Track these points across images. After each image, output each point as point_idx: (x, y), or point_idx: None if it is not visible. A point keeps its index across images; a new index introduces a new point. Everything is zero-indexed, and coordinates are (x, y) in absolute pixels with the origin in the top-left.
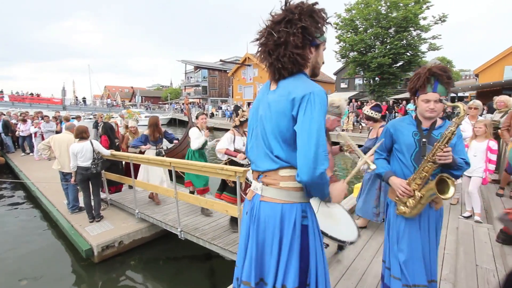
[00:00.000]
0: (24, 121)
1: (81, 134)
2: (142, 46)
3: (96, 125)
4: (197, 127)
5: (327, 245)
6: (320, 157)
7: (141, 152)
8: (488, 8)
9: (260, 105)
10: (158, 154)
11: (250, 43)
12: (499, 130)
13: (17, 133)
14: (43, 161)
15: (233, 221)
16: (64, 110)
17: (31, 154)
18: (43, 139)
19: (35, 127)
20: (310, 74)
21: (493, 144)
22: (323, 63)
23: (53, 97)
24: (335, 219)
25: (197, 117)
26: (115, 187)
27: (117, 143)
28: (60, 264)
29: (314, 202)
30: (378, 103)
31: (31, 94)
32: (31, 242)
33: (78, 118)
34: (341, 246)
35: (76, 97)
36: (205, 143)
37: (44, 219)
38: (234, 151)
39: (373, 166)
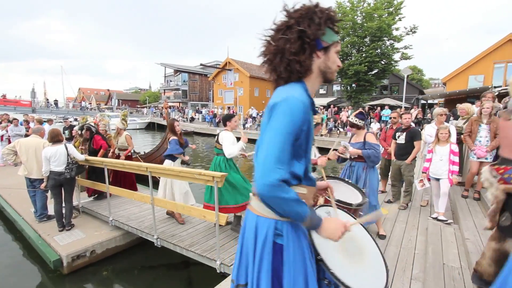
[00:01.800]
0: None
1: (56, 137)
2: (119, 48)
3: (66, 128)
4: (228, 130)
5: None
6: (268, 166)
7: (184, 163)
8: (456, 22)
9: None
10: (183, 162)
11: (257, 57)
12: (462, 136)
13: None
14: (8, 167)
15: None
16: (33, 113)
17: None
18: (9, 143)
19: (1, 130)
20: (322, 80)
21: (455, 147)
22: (338, 66)
23: (21, 99)
24: (352, 253)
25: (228, 120)
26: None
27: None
28: (26, 277)
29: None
30: (362, 111)
31: None
32: None
33: (49, 121)
34: None
35: (47, 99)
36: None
37: (8, 230)
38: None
39: None
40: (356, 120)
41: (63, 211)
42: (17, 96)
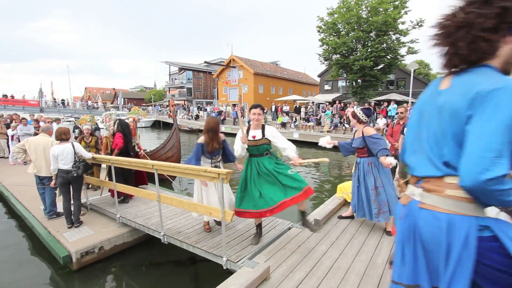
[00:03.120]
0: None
1: (61, 136)
2: (124, 47)
3: (76, 128)
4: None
5: None
6: (487, 161)
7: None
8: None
9: (425, 107)
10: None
11: (430, 27)
12: None
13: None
14: (18, 166)
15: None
16: (41, 113)
17: (6, 156)
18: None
19: (12, 130)
20: (501, 70)
21: None
22: None
23: (29, 99)
24: None
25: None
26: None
27: (134, 143)
28: (36, 273)
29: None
30: (370, 107)
31: (5, 95)
32: (4, 249)
33: (57, 120)
34: None
35: (55, 99)
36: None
37: (19, 226)
38: None
39: None
40: (359, 113)
41: (72, 208)
42: (23, 96)
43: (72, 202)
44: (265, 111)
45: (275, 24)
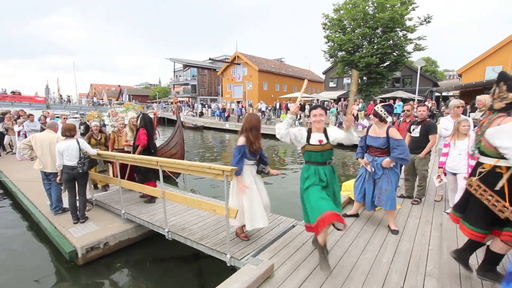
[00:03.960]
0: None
1: (67, 132)
2: (129, 44)
3: (81, 125)
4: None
5: None
6: None
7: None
8: (471, 12)
9: None
10: (259, 172)
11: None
12: None
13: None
14: (25, 161)
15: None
16: (48, 109)
17: (13, 152)
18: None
19: (19, 126)
20: None
21: None
22: None
23: (36, 95)
24: None
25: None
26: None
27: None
28: (43, 267)
29: None
30: (391, 103)
31: (12, 92)
32: (12, 243)
33: (63, 116)
34: None
35: (61, 96)
36: None
37: (26, 221)
38: None
39: None
40: (381, 111)
41: (77, 204)
42: (35, 93)
43: (77, 198)
44: (328, 110)
45: (280, 21)
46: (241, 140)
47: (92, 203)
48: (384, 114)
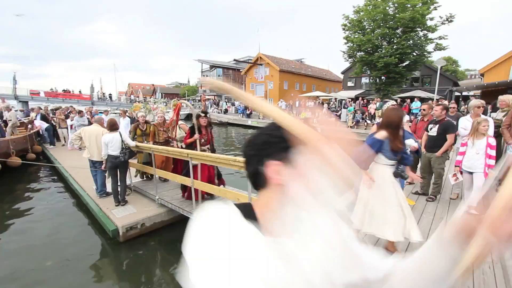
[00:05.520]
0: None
1: (112, 126)
2: (161, 46)
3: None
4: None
5: None
6: None
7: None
8: (494, 9)
9: None
10: (397, 175)
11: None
12: (500, 128)
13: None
14: (75, 151)
15: None
16: (92, 105)
17: (63, 144)
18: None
19: (71, 120)
20: None
21: (492, 141)
22: None
23: (83, 94)
24: None
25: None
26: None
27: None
28: (90, 243)
29: None
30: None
31: (64, 90)
32: (65, 221)
33: (105, 112)
34: None
35: (103, 93)
36: None
37: (76, 203)
38: None
39: None
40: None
41: (119, 189)
42: (79, 90)
43: (119, 183)
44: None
45: (302, 23)
46: (381, 134)
47: (131, 189)
48: None
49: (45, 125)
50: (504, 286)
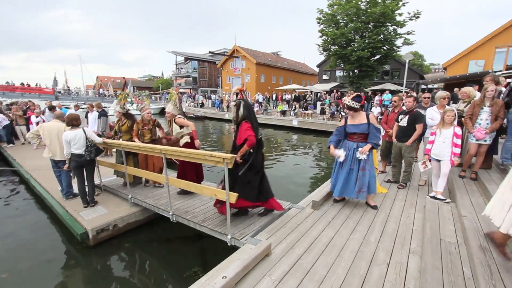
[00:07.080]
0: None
1: (72, 122)
2: (132, 37)
3: (87, 115)
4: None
5: None
6: None
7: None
8: (457, 8)
9: None
10: None
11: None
12: (463, 119)
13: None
14: (40, 150)
15: None
16: (56, 100)
17: (23, 142)
18: None
19: (36, 117)
20: None
21: (458, 130)
22: None
23: (46, 87)
24: None
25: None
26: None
27: None
28: (56, 249)
29: None
30: (359, 93)
31: (22, 84)
32: (26, 226)
33: (76, 107)
34: None
35: (68, 87)
36: None
37: (39, 206)
38: None
39: None
40: (353, 103)
41: (86, 190)
42: (45, 85)
43: (86, 183)
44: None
45: (278, 16)
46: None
47: (100, 188)
48: (356, 104)
49: (5, 121)
50: (468, 265)
